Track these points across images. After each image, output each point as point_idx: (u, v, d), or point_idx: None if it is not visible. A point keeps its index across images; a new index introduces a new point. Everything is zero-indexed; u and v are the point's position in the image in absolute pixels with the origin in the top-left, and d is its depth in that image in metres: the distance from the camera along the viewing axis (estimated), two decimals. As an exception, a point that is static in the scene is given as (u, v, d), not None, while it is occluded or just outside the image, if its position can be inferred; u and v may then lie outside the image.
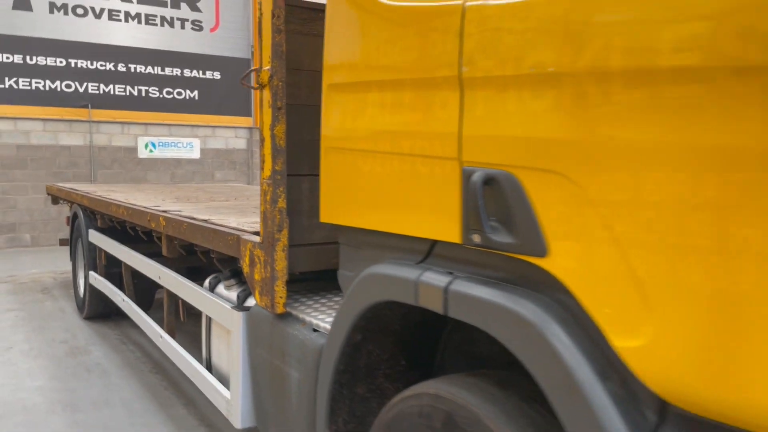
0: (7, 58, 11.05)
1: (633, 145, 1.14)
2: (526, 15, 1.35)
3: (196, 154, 13.04)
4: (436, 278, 1.60)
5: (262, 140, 2.34)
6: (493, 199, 1.44)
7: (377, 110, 1.83)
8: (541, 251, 1.33)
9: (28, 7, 11.21)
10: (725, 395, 1.05)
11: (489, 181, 1.44)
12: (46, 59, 11.39)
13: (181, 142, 12.86)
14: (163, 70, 12.54)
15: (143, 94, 12.37)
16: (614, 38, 1.16)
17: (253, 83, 2.35)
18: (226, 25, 13.02)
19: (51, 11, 11.41)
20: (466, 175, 1.50)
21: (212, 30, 12.95)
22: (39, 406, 3.98)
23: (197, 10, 12.82)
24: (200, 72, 12.82)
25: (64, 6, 11.53)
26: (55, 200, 7.61)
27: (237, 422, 2.66)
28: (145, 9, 12.29)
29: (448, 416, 1.61)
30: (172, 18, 12.63)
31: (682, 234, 1.07)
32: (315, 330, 2.25)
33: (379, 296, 1.81)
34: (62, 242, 7.56)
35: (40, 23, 11.29)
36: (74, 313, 6.37)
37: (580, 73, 1.22)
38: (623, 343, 1.18)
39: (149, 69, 12.38)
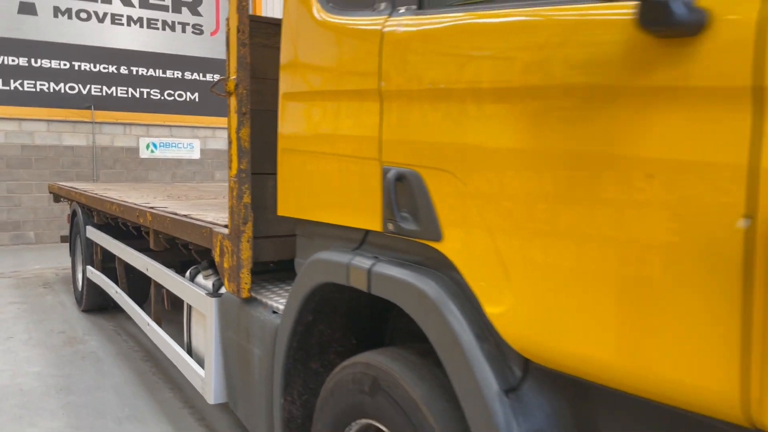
0: (13, 60, 11.37)
1: (496, 149, 1.40)
2: (424, 42, 1.61)
3: (196, 155, 13.33)
4: (362, 262, 1.87)
5: (230, 142, 2.61)
6: (405, 193, 1.70)
7: (320, 116, 2.10)
8: (438, 237, 1.59)
9: (33, 12, 11.53)
10: (562, 350, 1.30)
11: (401, 178, 1.70)
12: (50, 62, 11.70)
13: (181, 143, 13.15)
14: (164, 72, 12.83)
15: (145, 96, 12.67)
16: (483, 64, 1.43)
17: (222, 91, 2.62)
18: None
19: (55, 15, 11.73)
20: (385, 173, 1.76)
21: (212, 34, 13.24)
22: (35, 390, 4.26)
23: (198, 14, 13.13)
24: (200, 74, 13.12)
25: (68, 10, 11.85)
26: (57, 198, 7.91)
27: (210, 398, 2.93)
28: (147, 13, 12.60)
29: (374, 381, 1.87)
30: (173, 22, 12.93)
31: (529, 220, 1.33)
32: (274, 312, 2.52)
33: (321, 279, 2.07)
34: (63, 239, 7.85)
35: (45, 27, 11.61)
36: (73, 306, 6.66)
37: (461, 90, 1.48)
38: (491, 310, 1.44)
39: (151, 71, 12.68)
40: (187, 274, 3.43)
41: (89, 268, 5.92)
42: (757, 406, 0.98)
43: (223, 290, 2.99)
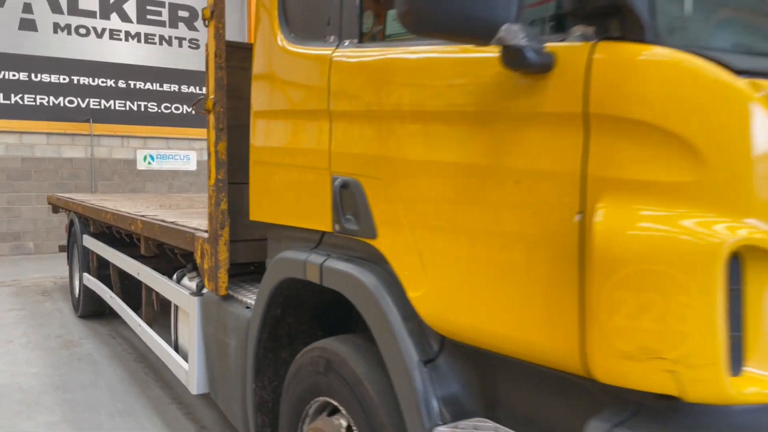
0: (14, 75, 11.71)
1: (413, 161, 1.69)
2: (361, 71, 1.91)
3: (192, 166, 13.64)
4: (316, 259, 2.15)
5: (209, 155, 2.90)
6: (348, 199, 1.99)
7: (283, 132, 2.40)
8: (373, 235, 1.88)
9: (33, 28, 11.88)
10: (463, 324, 1.59)
11: (345, 185, 2.00)
12: (50, 76, 12.03)
13: (178, 155, 13.46)
14: (161, 86, 13.17)
15: (142, 109, 13.00)
16: (403, 91, 1.73)
17: (202, 109, 2.92)
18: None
19: (55, 31, 12.08)
20: (333, 182, 2.06)
21: (208, 48, 13.57)
22: (33, 388, 4.53)
23: (194, 29, 13.48)
24: (197, 88, 13.45)
25: (68, 26, 12.20)
26: (56, 209, 8.21)
27: (193, 389, 3.21)
28: (144, 29, 12.95)
29: (328, 362, 2.15)
30: (170, 37, 13.29)
31: (436, 219, 1.62)
32: (247, 307, 2.80)
33: (283, 275, 2.36)
34: (61, 248, 8.13)
35: (45, 43, 11.95)
36: (70, 313, 6.93)
37: (387, 112, 1.78)
38: (412, 294, 1.73)
39: (148, 85, 13.01)
40: (174, 276, 3.72)
41: (86, 275, 6.20)
42: (590, 361, 1.26)
43: (205, 290, 3.27)
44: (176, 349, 3.70)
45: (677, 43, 1.20)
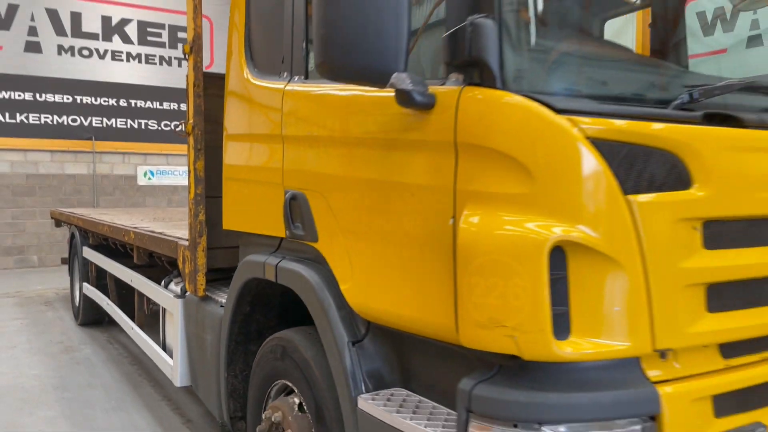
0: (19, 95, 12.18)
1: (340, 176, 2.08)
2: (304, 103, 2.30)
3: (191, 182, 14.04)
4: (273, 260, 2.53)
5: (189, 172, 3.29)
6: (297, 209, 2.37)
7: (248, 153, 2.79)
8: (315, 239, 2.26)
9: (38, 50, 12.38)
10: (378, 309, 1.96)
11: (294, 198, 2.38)
12: (54, 96, 12.51)
13: (177, 171, 13.88)
14: (161, 104, 13.63)
15: (143, 126, 13.45)
16: (333, 120, 2.12)
17: (183, 132, 3.31)
18: (220, 63, 14.10)
19: (59, 53, 12.57)
20: (285, 195, 2.44)
21: (207, 68, 13.97)
22: (35, 388, 4.89)
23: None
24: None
25: (71, 48, 12.69)
26: (58, 223, 8.62)
27: (177, 382, 3.57)
28: (145, 50, 13.45)
29: (284, 349, 2.52)
30: (170, 57, 13.77)
31: (357, 224, 2.00)
32: (221, 306, 3.17)
33: (248, 275, 2.73)
34: (63, 261, 8.53)
35: (49, 64, 12.44)
36: (71, 321, 7.30)
37: (322, 137, 2.17)
38: (343, 287, 2.10)
39: (148, 104, 13.48)
40: (162, 282, 4.10)
41: (85, 284, 6.59)
42: (459, 332, 1.63)
43: (187, 293, 3.64)
44: (164, 348, 4.07)
45: (518, 89, 1.58)
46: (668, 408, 1.57)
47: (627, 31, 2.94)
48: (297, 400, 2.46)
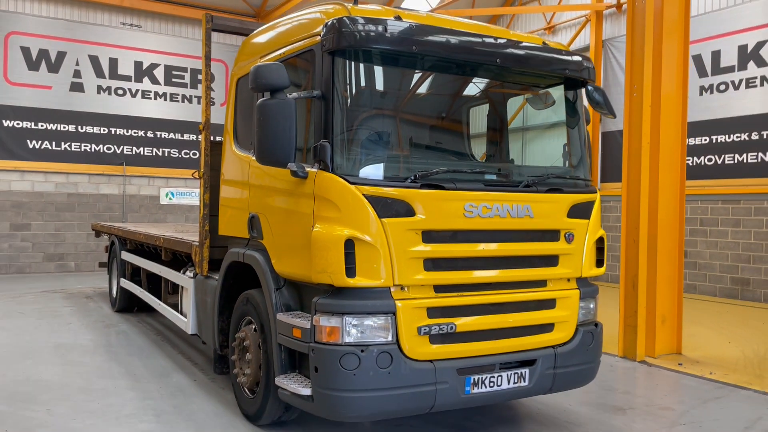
0: (64, 127, 14.56)
1: (272, 206, 4.23)
2: (257, 169, 4.46)
3: (205, 202, 16.30)
4: (242, 250, 4.66)
5: (200, 201, 5.45)
6: (255, 223, 4.51)
7: (232, 191, 4.95)
8: (262, 238, 4.40)
9: (81, 90, 14.78)
10: (287, 271, 4.09)
11: (253, 217, 4.52)
12: (92, 128, 14.87)
13: (194, 192, 16.14)
14: (182, 135, 15.95)
15: (166, 154, 15.76)
16: (272, 178, 4.27)
17: (197, 175, 5.49)
18: (233, 101, 16.43)
19: (98, 92, 14.97)
20: (249, 215, 4.58)
21: (222, 104, 16.38)
22: (89, 345, 7.05)
23: (211, 89, 16.29)
24: (212, 137, 16.18)
25: (108, 88, 15.09)
26: (98, 234, 10.85)
27: (189, 330, 5.72)
28: (170, 89, 15.83)
29: (247, 299, 4.67)
30: (191, 95, 16.13)
31: (278, 227, 4.15)
32: (216, 280, 5.30)
33: (230, 260, 4.86)
34: (101, 264, 10.72)
35: (90, 101, 14.84)
36: (109, 309, 9.48)
37: (265, 186, 4.33)
38: (273, 261, 4.23)
39: (171, 135, 15.80)
40: (182, 271, 6.26)
41: (122, 279, 8.78)
42: (312, 275, 3.77)
43: (197, 275, 5.79)
44: (180, 312, 6.23)
45: (339, 173, 3.70)
46: (401, 310, 3.67)
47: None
48: (253, 326, 4.58)
